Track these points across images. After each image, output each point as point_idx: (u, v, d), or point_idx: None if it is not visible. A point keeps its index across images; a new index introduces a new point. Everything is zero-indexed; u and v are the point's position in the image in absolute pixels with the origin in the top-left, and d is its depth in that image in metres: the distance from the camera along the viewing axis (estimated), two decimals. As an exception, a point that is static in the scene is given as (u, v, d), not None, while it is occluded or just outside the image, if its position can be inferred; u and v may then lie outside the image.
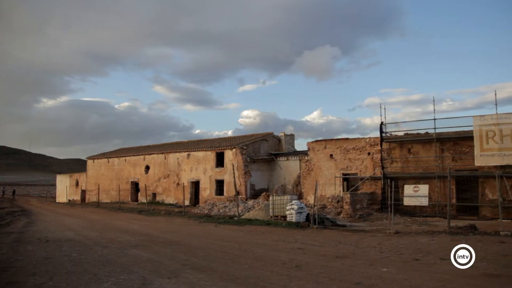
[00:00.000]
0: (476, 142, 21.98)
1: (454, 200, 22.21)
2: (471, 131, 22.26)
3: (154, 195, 39.35)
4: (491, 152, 21.61)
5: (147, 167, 41.00)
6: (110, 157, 46.21)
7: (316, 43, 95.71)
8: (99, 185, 42.83)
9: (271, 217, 20.74)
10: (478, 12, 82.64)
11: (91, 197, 46.99)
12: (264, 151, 34.78)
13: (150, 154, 41.07)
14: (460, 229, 15.25)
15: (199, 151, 35.96)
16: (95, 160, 48.35)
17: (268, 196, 26.26)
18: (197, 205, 33.71)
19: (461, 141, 23.31)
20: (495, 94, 22.59)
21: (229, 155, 33.31)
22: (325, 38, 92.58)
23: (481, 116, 22.28)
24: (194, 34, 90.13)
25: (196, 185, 35.91)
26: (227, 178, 32.90)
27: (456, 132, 23.36)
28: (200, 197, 35.13)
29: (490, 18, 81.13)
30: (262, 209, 22.48)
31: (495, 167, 21.42)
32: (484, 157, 21.78)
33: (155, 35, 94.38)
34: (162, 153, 39.61)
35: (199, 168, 35.56)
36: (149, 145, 47.74)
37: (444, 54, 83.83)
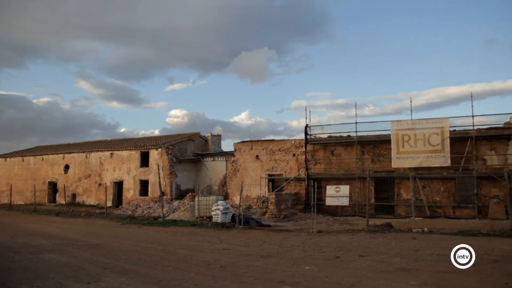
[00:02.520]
0: (393, 145, 23.33)
1: (372, 200, 23.35)
2: (389, 135, 23.58)
3: (74, 196, 37.44)
4: (406, 154, 23.04)
5: (67, 167, 38.93)
6: (25, 156, 43.28)
7: (254, 45, 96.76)
8: (11, 185, 39.89)
9: (197, 217, 20.55)
10: (400, 23, 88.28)
11: (2, 199, 43.66)
12: (190, 151, 34.42)
13: (71, 153, 39.02)
14: (377, 227, 16.05)
15: (123, 150, 34.80)
16: (7, 159, 45.05)
17: (194, 196, 26.00)
18: (120, 206, 32.55)
19: (380, 144, 24.59)
20: (411, 101, 24.14)
21: (154, 155, 32.58)
22: (262, 41, 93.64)
23: (398, 121, 23.70)
24: (125, 30, 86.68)
25: (119, 185, 34.70)
26: (152, 178, 32.15)
27: (375, 135, 24.60)
28: (123, 197, 33.99)
29: (411, 30, 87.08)
30: (187, 210, 22.22)
31: (409, 168, 22.86)
32: (400, 160, 23.17)
33: (82, 27, 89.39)
34: (83, 152, 37.78)
35: (123, 168, 34.42)
36: (69, 143, 45.30)
37: (368, 61, 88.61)
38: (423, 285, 7.34)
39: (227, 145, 66.06)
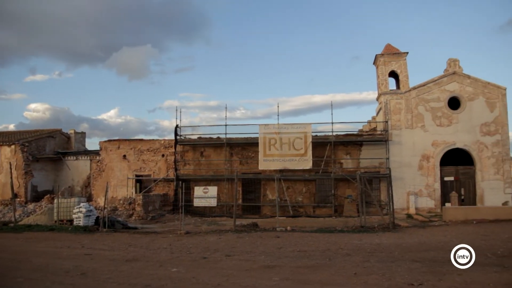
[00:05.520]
0: (261, 148, 24.30)
1: (240, 201, 24.05)
2: (257, 138, 24.52)
3: None
4: (272, 157, 24.16)
5: None
6: None
7: (136, 41, 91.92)
8: None
9: (56, 221, 19.02)
10: (276, 33, 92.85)
11: None
12: (50, 149, 31.74)
13: None
14: (244, 227, 16.56)
15: (-33, 146, 30.70)
16: None
17: (53, 198, 24.05)
18: (-39, 211, 28.67)
19: (248, 146, 25.43)
20: (278, 107, 25.34)
21: (6, 152, 29.35)
22: (144, 38, 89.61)
23: (265, 125, 24.76)
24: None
25: (-40, 186, 30.54)
26: (2, 178, 28.91)
27: (244, 138, 25.37)
28: (-35, 200, 30.00)
29: (287, 40, 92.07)
30: (45, 213, 20.43)
31: (275, 170, 24.03)
32: (267, 162, 24.22)
33: None
34: None
35: (-34, 167, 30.36)
36: None
37: (242, 66, 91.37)
38: (285, 280, 7.76)
39: (93, 144, 62.47)
